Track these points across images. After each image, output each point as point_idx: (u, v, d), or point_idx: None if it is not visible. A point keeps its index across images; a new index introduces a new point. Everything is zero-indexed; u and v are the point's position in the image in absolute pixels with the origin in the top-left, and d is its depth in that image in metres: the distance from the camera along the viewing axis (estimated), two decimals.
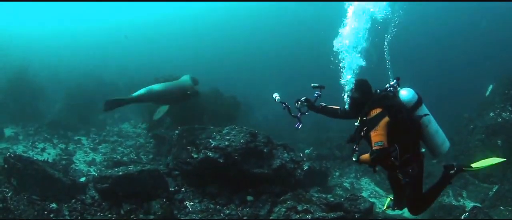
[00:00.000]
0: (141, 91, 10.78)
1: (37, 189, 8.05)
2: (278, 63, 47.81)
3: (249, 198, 8.16)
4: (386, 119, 4.95)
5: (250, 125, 10.38)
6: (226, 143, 8.22)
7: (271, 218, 7.42)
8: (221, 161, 8.07)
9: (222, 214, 7.82)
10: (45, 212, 7.45)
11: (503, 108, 14.71)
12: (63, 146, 13.89)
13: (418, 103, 5.30)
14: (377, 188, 14.32)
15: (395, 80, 5.44)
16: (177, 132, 9.53)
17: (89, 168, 12.05)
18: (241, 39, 58.66)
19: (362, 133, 5.14)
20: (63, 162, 12.08)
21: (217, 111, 13.28)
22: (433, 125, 5.40)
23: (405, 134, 5.12)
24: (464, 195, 13.17)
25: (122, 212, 7.64)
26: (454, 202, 12.68)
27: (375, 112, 5.00)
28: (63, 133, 15.00)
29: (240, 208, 8.01)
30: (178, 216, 7.69)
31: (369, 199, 12.33)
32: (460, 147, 15.08)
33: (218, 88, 15.09)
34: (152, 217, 7.52)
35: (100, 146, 14.37)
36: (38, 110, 17.40)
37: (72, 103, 18.07)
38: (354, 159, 5.23)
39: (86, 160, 12.90)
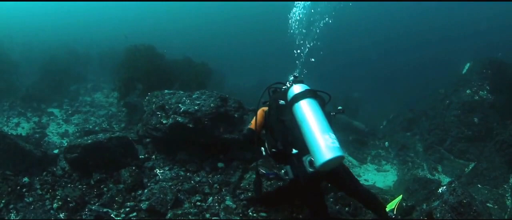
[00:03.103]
0: None
1: (10, 163, 7.90)
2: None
3: (220, 164, 8.02)
4: (264, 108, 5.54)
5: (222, 92, 10.22)
6: (196, 107, 7.98)
7: (242, 185, 7.33)
8: (191, 126, 7.84)
9: (192, 181, 7.67)
10: (18, 187, 7.26)
11: (480, 86, 14.81)
12: (36, 119, 13.66)
13: (295, 98, 5.04)
14: (350, 158, 14.38)
15: (293, 76, 5.55)
16: (146, 98, 9.29)
17: (62, 140, 11.87)
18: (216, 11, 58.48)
19: None
20: (37, 135, 11.89)
21: (188, 78, 13.13)
22: (306, 126, 4.77)
23: (270, 128, 5.35)
24: (439, 170, 13.19)
25: (92, 182, 7.48)
26: (429, 176, 12.71)
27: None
28: (37, 106, 14.72)
29: (210, 175, 7.88)
30: (148, 184, 7.55)
31: None
32: (436, 121, 15.20)
33: (190, 57, 14.83)
34: (121, 186, 7.39)
35: (73, 117, 14.15)
36: (13, 85, 17.03)
37: (45, 75, 17.78)
38: None
39: (59, 132, 12.71)
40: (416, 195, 11.23)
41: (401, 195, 6.49)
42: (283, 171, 5.19)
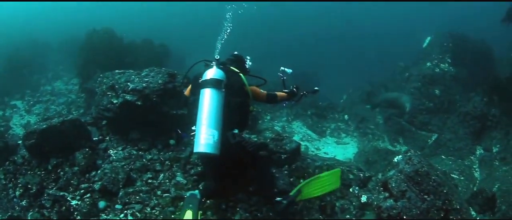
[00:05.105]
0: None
1: None
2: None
3: (172, 142, 8.11)
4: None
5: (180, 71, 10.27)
6: (144, 85, 8.05)
7: (191, 160, 7.54)
8: (140, 103, 7.93)
9: (144, 160, 7.82)
10: None
11: (441, 59, 14.99)
12: (0, 113, 13.66)
13: (202, 83, 5.46)
14: (309, 132, 14.47)
15: (215, 59, 5.89)
16: (98, 79, 9.28)
17: (25, 131, 11.92)
18: None
19: None
20: (1, 129, 11.92)
21: (146, 59, 13.16)
22: (199, 113, 5.27)
23: None
24: (400, 141, 13.38)
25: (49, 167, 7.57)
26: (390, 147, 12.87)
27: None
28: (0, 100, 14.72)
29: (162, 153, 8.02)
30: (102, 165, 7.68)
31: (302, 142, 12.43)
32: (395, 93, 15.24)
33: (150, 39, 14.80)
34: (76, 169, 7.51)
35: (34, 108, 14.21)
36: None
37: (7, 68, 17.70)
38: None
39: (22, 123, 12.77)
40: (376, 166, 11.32)
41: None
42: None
